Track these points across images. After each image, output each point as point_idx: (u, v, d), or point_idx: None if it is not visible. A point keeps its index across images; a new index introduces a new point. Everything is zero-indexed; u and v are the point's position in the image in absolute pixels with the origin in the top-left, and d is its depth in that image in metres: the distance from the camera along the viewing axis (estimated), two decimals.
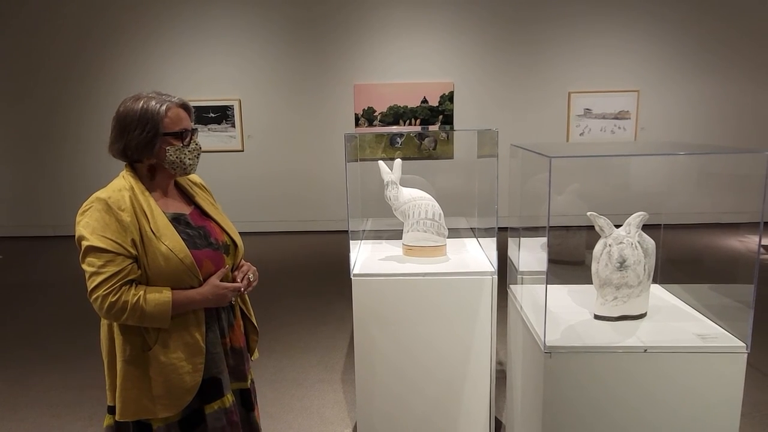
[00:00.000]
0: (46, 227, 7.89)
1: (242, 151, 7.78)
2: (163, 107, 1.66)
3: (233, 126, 7.70)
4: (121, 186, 1.66)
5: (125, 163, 1.72)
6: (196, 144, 1.76)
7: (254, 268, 1.89)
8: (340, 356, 3.87)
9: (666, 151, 2.80)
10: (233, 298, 1.78)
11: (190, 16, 7.53)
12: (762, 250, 1.96)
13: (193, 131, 1.76)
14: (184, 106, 1.74)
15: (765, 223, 1.77)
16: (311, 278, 5.80)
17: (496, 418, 2.74)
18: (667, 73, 7.55)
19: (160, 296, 1.59)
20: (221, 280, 1.73)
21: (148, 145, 1.65)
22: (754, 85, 7.58)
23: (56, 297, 5.30)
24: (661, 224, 2.44)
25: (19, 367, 3.81)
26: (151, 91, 1.72)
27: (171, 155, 1.68)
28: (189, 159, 1.73)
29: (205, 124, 7.67)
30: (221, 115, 7.67)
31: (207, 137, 7.67)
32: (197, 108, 7.59)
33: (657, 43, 7.49)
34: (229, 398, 1.77)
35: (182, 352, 1.65)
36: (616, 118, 7.61)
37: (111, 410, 1.70)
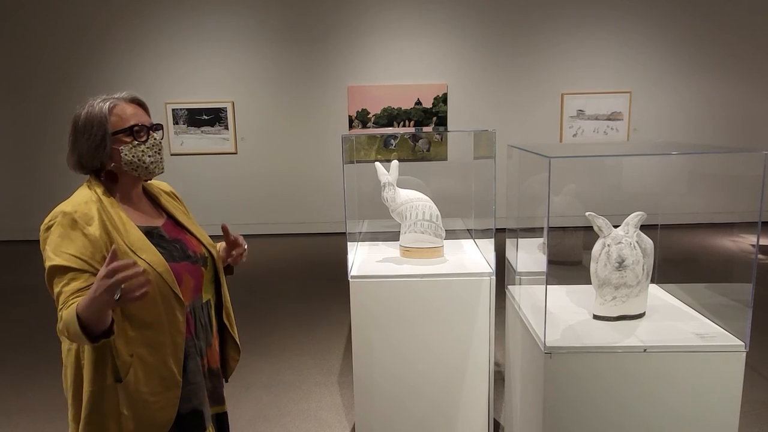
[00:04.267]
0: (35, 231, 7.79)
1: (235, 153, 7.74)
2: (107, 105, 1.54)
3: (226, 128, 7.67)
4: (88, 198, 1.52)
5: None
6: (155, 140, 1.59)
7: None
8: (336, 359, 3.86)
9: (663, 151, 2.82)
10: (117, 289, 1.27)
11: (183, 18, 7.49)
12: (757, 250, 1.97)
13: (152, 127, 1.61)
14: (135, 101, 1.61)
15: (763, 222, 1.78)
16: (305, 281, 5.78)
17: (494, 419, 2.74)
18: (658, 74, 7.60)
19: (72, 306, 1.37)
20: None
21: (99, 148, 1.52)
22: (744, 86, 7.65)
23: (48, 300, 5.23)
24: (658, 224, 2.45)
25: (12, 372, 3.76)
26: (104, 93, 1.60)
27: (126, 154, 1.54)
28: (149, 156, 1.57)
29: (198, 127, 7.64)
30: (214, 118, 7.63)
31: (200, 139, 7.63)
32: (190, 110, 7.56)
33: (648, 44, 7.54)
34: (210, 431, 1.64)
35: (156, 386, 1.50)
36: (609, 119, 7.65)
37: None
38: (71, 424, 1.54)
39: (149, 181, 1.73)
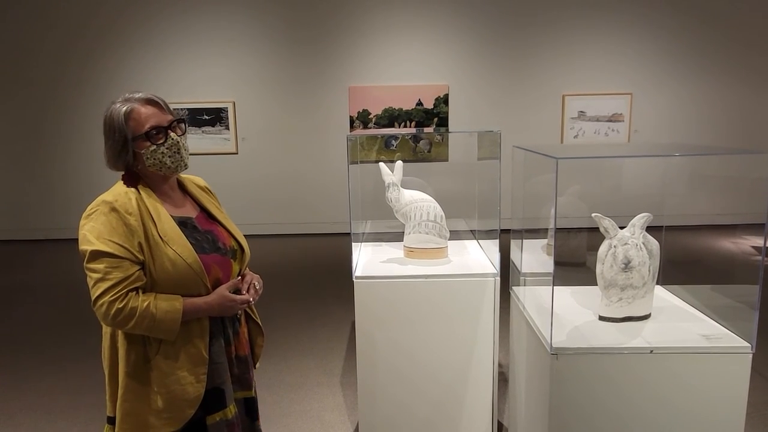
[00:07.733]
0: (35, 230, 7.80)
1: (236, 153, 7.74)
2: (124, 110, 1.56)
3: (227, 128, 7.66)
4: (127, 188, 1.61)
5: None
6: (173, 140, 1.61)
7: (257, 276, 1.81)
8: (338, 359, 3.85)
9: (669, 152, 2.81)
10: (240, 310, 1.73)
11: (184, 17, 7.49)
12: (758, 252, 1.97)
13: (172, 124, 1.63)
14: (151, 102, 1.60)
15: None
16: (307, 281, 5.77)
17: (498, 421, 2.73)
18: (659, 76, 7.61)
19: (171, 303, 1.55)
20: (232, 293, 1.68)
21: (122, 152, 1.59)
22: (744, 88, 7.65)
23: (48, 301, 5.24)
24: (662, 226, 2.45)
25: (14, 372, 3.75)
26: (126, 92, 1.62)
27: (148, 158, 1.60)
28: (168, 157, 1.61)
29: (199, 127, 7.63)
30: (215, 118, 7.63)
31: (201, 139, 7.62)
32: (191, 110, 7.55)
33: (649, 46, 7.55)
34: (231, 409, 1.71)
35: (185, 362, 1.60)
36: (610, 121, 7.65)
37: (110, 421, 1.66)
38: (108, 403, 1.66)
39: (184, 175, 1.80)
